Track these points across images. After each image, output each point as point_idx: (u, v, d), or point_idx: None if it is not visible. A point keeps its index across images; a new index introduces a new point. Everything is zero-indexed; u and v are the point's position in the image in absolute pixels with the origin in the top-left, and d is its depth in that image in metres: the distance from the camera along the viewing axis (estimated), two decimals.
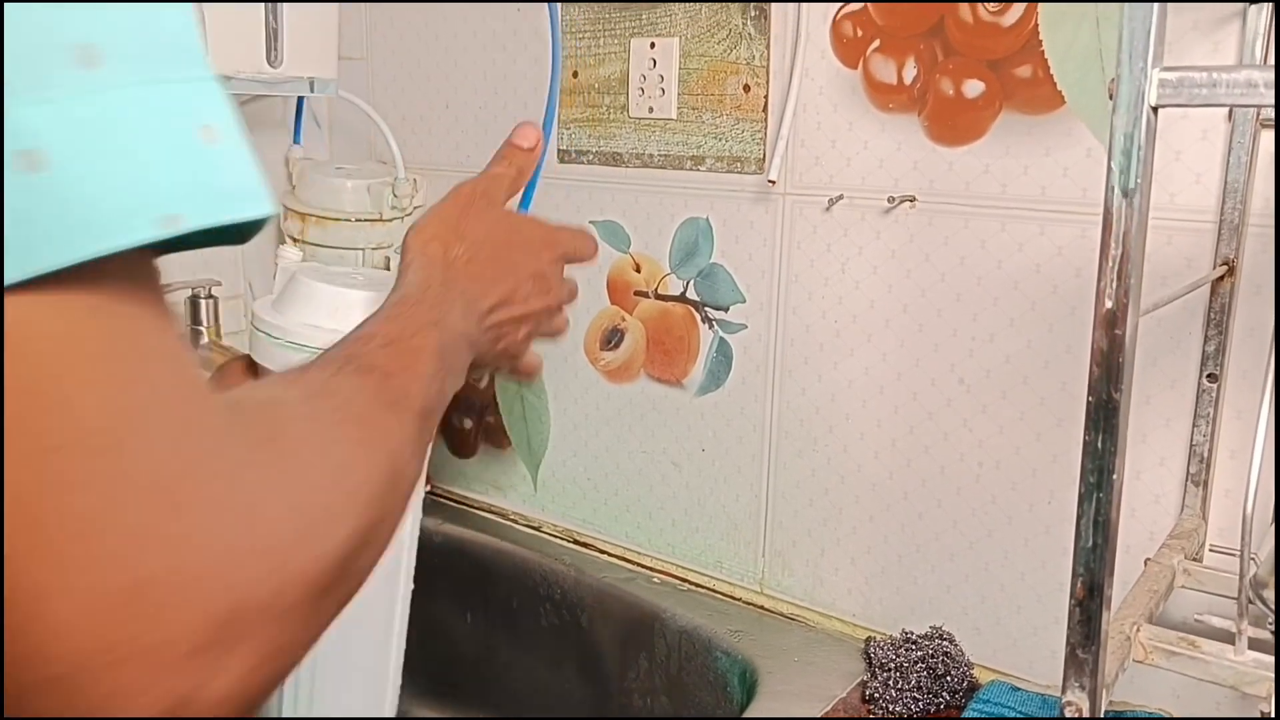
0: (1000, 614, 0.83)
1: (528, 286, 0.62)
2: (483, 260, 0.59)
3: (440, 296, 0.54)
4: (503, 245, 0.61)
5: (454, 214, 0.61)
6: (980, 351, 0.80)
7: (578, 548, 1.10)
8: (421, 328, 0.50)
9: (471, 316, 0.57)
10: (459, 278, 0.57)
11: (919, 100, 0.79)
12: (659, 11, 0.93)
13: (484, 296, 0.58)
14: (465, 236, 0.59)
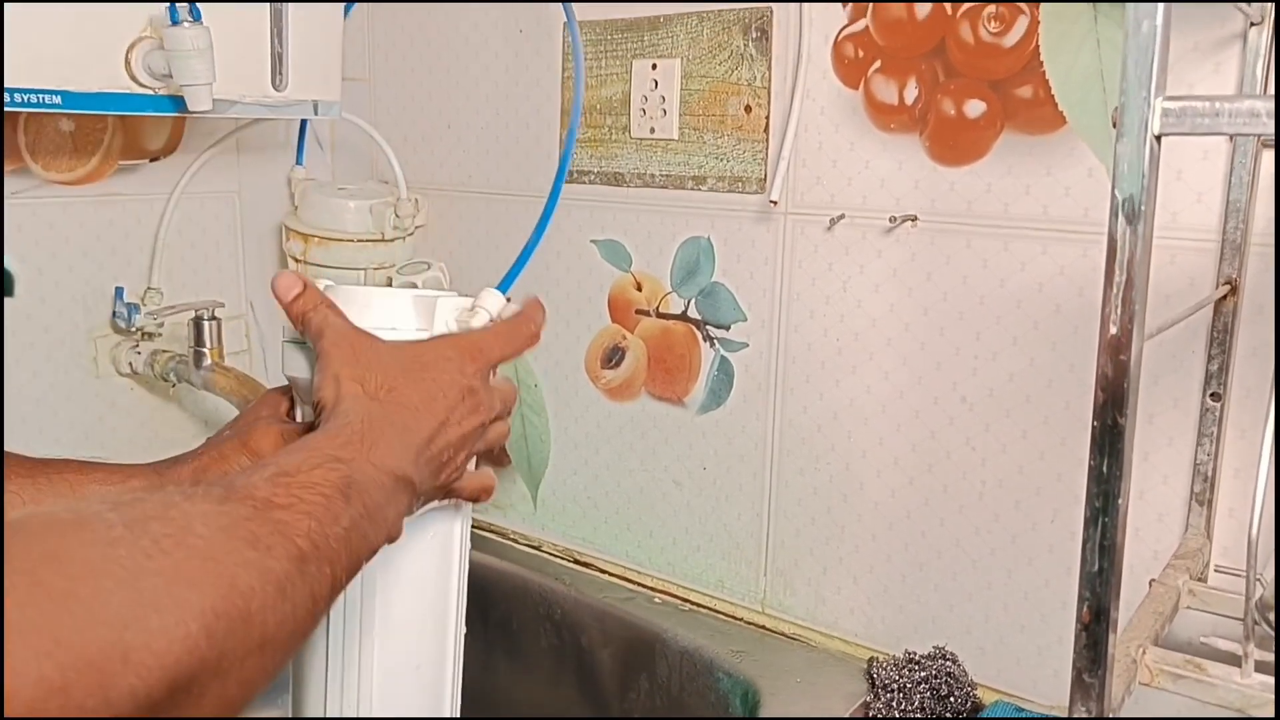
0: (1004, 633, 0.83)
1: (461, 407, 0.54)
2: (405, 387, 0.53)
3: (362, 432, 0.49)
4: (419, 367, 0.54)
5: (346, 354, 0.53)
6: (983, 370, 0.80)
7: (578, 567, 1.10)
8: (324, 461, 0.45)
9: (408, 452, 0.50)
10: (385, 410, 0.51)
11: (920, 120, 0.80)
12: (661, 33, 0.93)
13: (418, 427, 0.52)
14: (374, 366, 0.53)
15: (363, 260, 1.09)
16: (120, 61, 0.79)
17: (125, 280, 1.06)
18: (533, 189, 1.06)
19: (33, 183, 0.98)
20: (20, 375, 1.00)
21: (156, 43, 0.79)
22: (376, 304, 0.58)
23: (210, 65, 0.77)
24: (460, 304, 0.59)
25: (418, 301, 0.59)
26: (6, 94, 0.74)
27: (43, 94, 0.76)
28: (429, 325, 0.58)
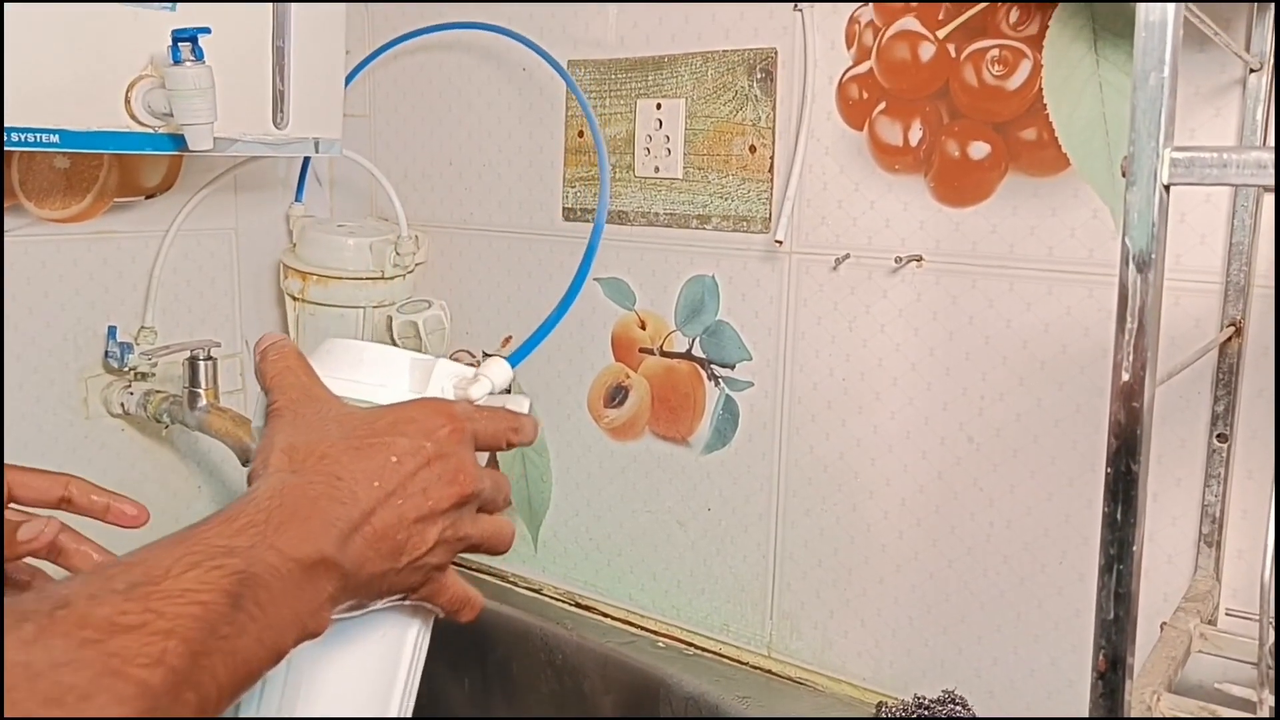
0: (1014, 676, 0.84)
1: (423, 476, 0.48)
2: (341, 455, 0.46)
3: (269, 511, 0.43)
4: (368, 432, 0.48)
5: (286, 425, 0.48)
6: (990, 410, 0.82)
7: (579, 610, 1.10)
8: (206, 559, 0.39)
9: (330, 530, 0.44)
10: (307, 482, 0.45)
11: (925, 161, 0.82)
12: (665, 73, 0.96)
13: (350, 499, 0.45)
14: (310, 431, 0.47)
15: (362, 298, 1.11)
16: (120, 100, 0.81)
17: (119, 319, 1.07)
18: (535, 227, 1.08)
19: (25, 220, 0.99)
20: (8, 416, 1.00)
21: (157, 81, 0.81)
22: (369, 359, 0.55)
23: (212, 104, 0.79)
24: (461, 371, 0.56)
25: (415, 363, 0.55)
26: (7, 134, 0.75)
27: (41, 133, 0.77)
28: (423, 389, 0.54)
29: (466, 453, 0.50)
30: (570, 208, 1.05)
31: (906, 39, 0.81)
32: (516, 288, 1.11)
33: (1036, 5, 0.75)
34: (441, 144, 1.15)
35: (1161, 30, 0.42)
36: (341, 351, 0.56)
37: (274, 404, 0.50)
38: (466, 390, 0.55)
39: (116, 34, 0.79)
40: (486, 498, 0.52)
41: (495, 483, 0.53)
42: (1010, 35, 0.76)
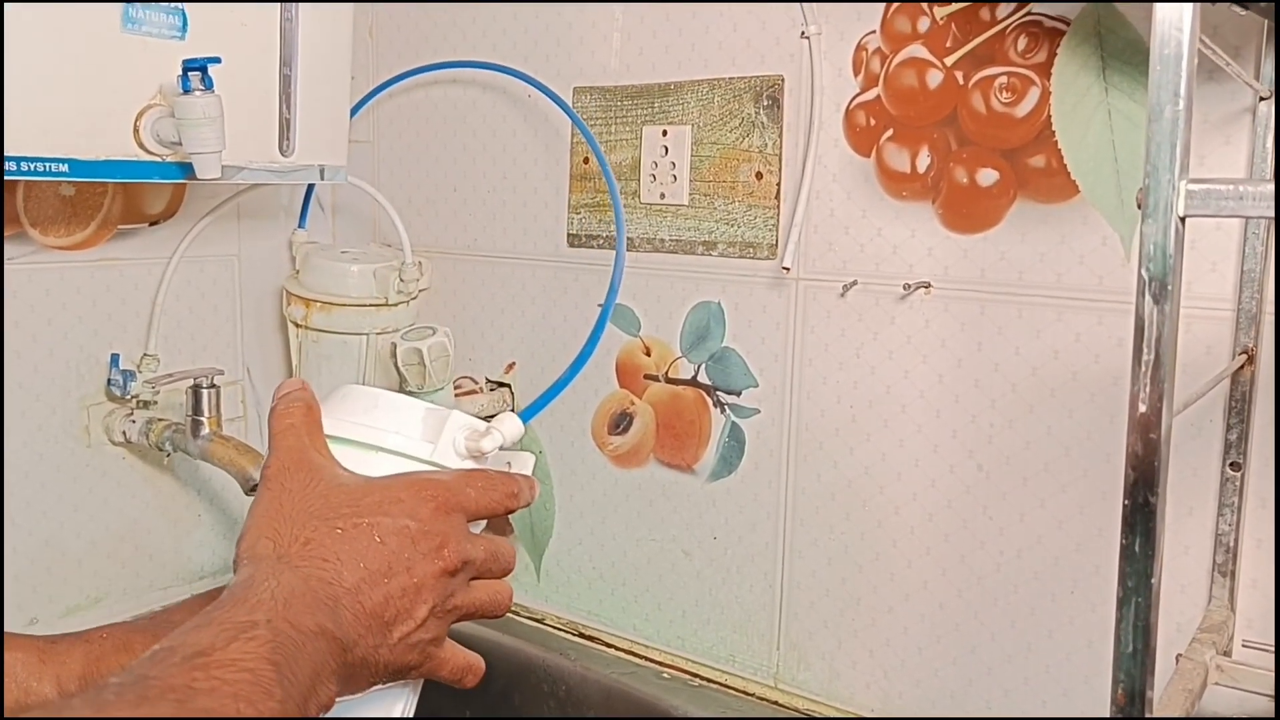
0: (1025, 708, 0.83)
1: (409, 553, 0.49)
2: (324, 539, 0.48)
3: (272, 591, 0.44)
4: (352, 513, 0.49)
5: (273, 501, 0.50)
6: (999, 438, 0.82)
7: (583, 641, 1.10)
8: (240, 632, 0.41)
9: (323, 605, 0.45)
10: (295, 567, 0.47)
11: (933, 188, 0.82)
12: (671, 100, 0.96)
13: (336, 579, 0.47)
14: (295, 519, 0.49)
15: (366, 325, 1.11)
16: (129, 129, 0.81)
17: (121, 347, 1.07)
18: (539, 253, 1.09)
19: (29, 248, 0.99)
20: (9, 444, 1.00)
21: (166, 110, 0.82)
22: (384, 405, 0.56)
23: (220, 133, 0.79)
24: (473, 424, 0.56)
25: (429, 413, 0.56)
26: (12, 163, 0.75)
27: (50, 162, 0.77)
28: (435, 438, 0.55)
29: (453, 527, 0.51)
30: (575, 234, 1.05)
31: (914, 66, 0.82)
32: (521, 314, 1.12)
33: (1045, 33, 0.75)
34: (446, 170, 1.16)
35: (1176, 63, 0.42)
36: (356, 397, 0.57)
37: (266, 467, 0.52)
38: (478, 443, 0.55)
39: (125, 63, 0.79)
40: (481, 567, 0.53)
41: (491, 550, 0.54)
42: (1018, 63, 0.77)
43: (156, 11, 0.79)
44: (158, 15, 0.80)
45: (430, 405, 0.57)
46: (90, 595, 1.09)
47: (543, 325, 1.10)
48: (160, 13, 0.80)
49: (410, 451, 0.55)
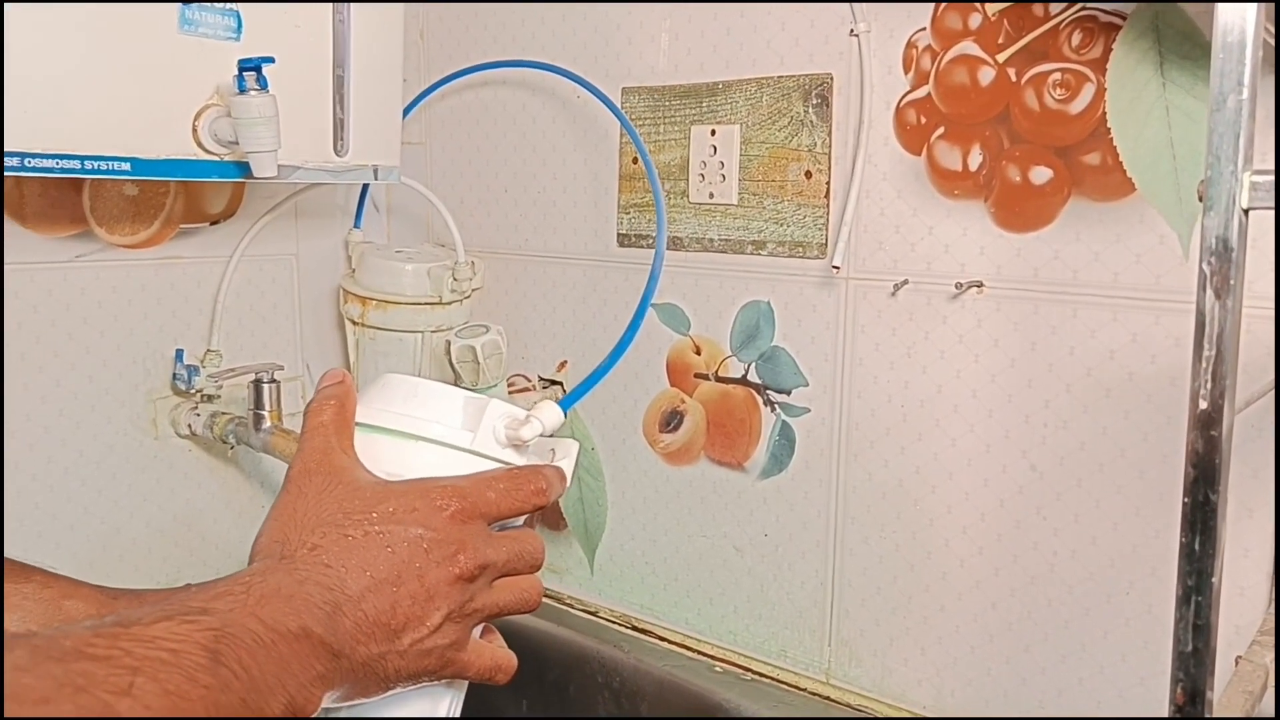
0: (1079, 707, 0.82)
1: (421, 560, 0.48)
2: (332, 545, 0.48)
3: (248, 585, 0.43)
4: (364, 520, 0.49)
5: (289, 504, 0.50)
6: (1053, 438, 0.81)
7: (636, 634, 1.10)
8: (178, 614, 0.39)
9: (316, 610, 0.44)
10: (293, 568, 0.46)
11: (985, 186, 0.81)
12: (719, 99, 0.96)
13: (338, 585, 0.46)
14: (306, 525, 0.49)
15: (420, 323, 1.12)
16: (188, 129, 0.83)
17: (185, 342, 1.10)
18: (589, 253, 1.09)
19: (96, 246, 1.02)
20: (81, 437, 1.03)
21: (223, 110, 0.83)
22: (424, 394, 0.55)
23: (275, 133, 0.81)
24: (512, 412, 0.56)
25: (468, 401, 0.55)
26: (76, 160, 0.77)
27: (113, 161, 0.79)
28: (475, 427, 0.54)
29: (470, 534, 0.50)
30: (625, 234, 1.06)
31: (965, 63, 0.81)
32: (571, 313, 1.12)
33: (1100, 28, 0.74)
34: (497, 171, 1.17)
35: (1240, 51, 0.42)
36: (396, 386, 0.56)
37: (290, 467, 0.52)
38: (517, 431, 0.55)
39: (183, 64, 0.81)
40: (504, 568, 0.52)
41: (515, 550, 0.53)
42: (1073, 59, 0.76)
43: (212, 13, 0.81)
44: (213, 17, 0.81)
45: (470, 394, 0.56)
46: (159, 581, 1.12)
47: (593, 324, 1.10)
48: (216, 14, 0.81)
49: (450, 440, 0.54)
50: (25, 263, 0.97)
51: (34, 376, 0.99)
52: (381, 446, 0.54)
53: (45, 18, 0.73)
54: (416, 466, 0.53)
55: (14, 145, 0.73)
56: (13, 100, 0.73)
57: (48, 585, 0.56)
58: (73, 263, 1.00)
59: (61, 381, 1.01)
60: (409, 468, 0.53)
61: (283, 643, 0.42)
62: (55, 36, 0.74)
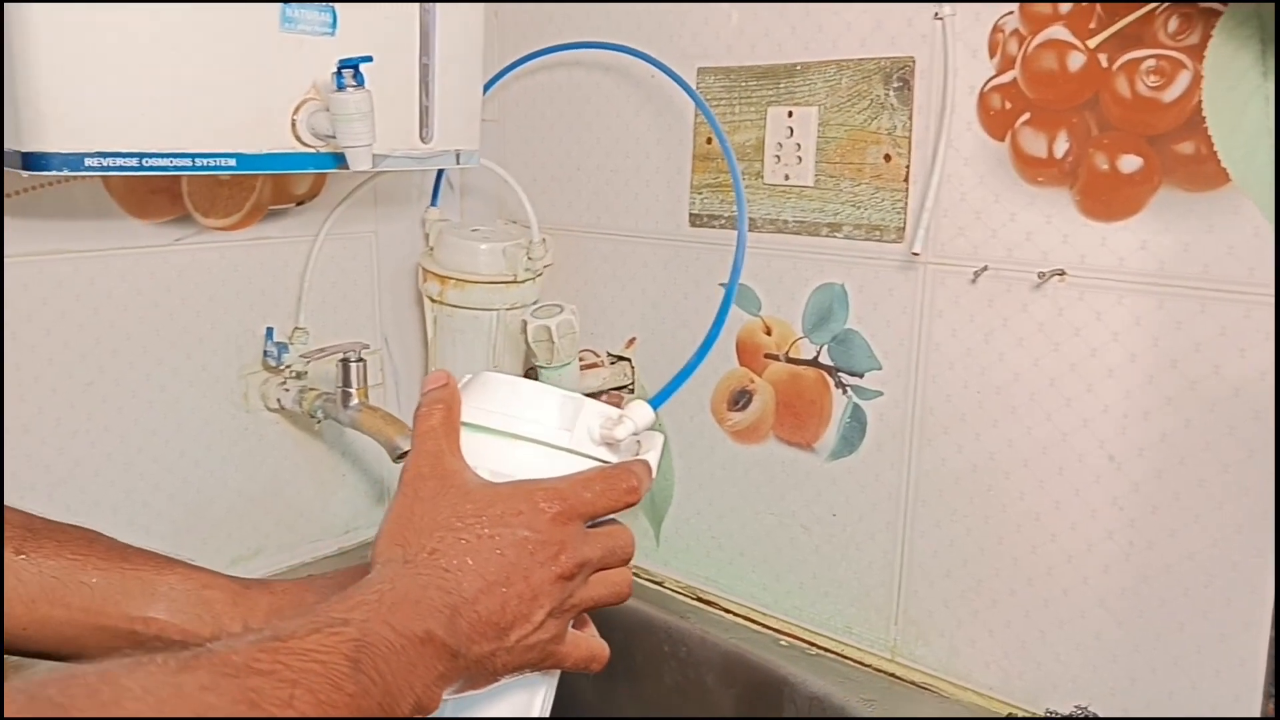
0: (1151, 697, 0.80)
1: (526, 562, 0.50)
2: (449, 549, 0.49)
3: (380, 594, 0.46)
4: (476, 523, 0.50)
5: (406, 507, 0.52)
6: (1133, 429, 0.77)
7: (701, 605, 1.10)
8: (324, 626, 0.42)
9: (438, 614, 0.46)
10: (417, 573, 0.48)
11: (1071, 174, 0.77)
12: (797, 80, 0.93)
13: (455, 588, 0.48)
14: (424, 529, 0.50)
15: (496, 301, 1.11)
16: (287, 123, 0.82)
17: (274, 320, 1.10)
18: (661, 232, 1.07)
19: (193, 229, 1.02)
20: (180, 412, 1.05)
21: (320, 104, 0.82)
22: (523, 394, 0.57)
23: (371, 127, 0.80)
24: (607, 412, 0.57)
25: (564, 402, 0.57)
26: (186, 159, 0.77)
27: (219, 157, 0.79)
28: (571, 426, 0.56)
29: (570, 535, 0.52)
30: (697, 214, 1.03)
31: (1054, 48, 0.76)
32: (641, 291, 1.10)
33: (1199, 14, 0.70)
34: (569, 149, 1.14)
35: None
36: (497, 386, 0.58)
37: (405, 470, 0.53)
38: (612, 431, 0.56)
39: (284, 60, 0.80)
40: (599, 564, 0.54)
41: (608, 547, 0.54)
42: (1169, 45, 0.71)
43: (310, 10, 0.80)
44: (311, 14, 0.80)
45: (566, 393, 0.58)
46: (250, 547, 1.14)
47: (663, 303, 1.08)
48: (313, 11, 0.80)
49: (548, 439, 0.56)
50: (129, 248, 0.98)
51: (138, 356, 1.00)
52: (486, 445, 0.56)
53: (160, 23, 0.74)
54: (518, 463, 0.55)
55: (131, 146, 0.74)
56: (129, 103, 0.74)
57: (189, 577, 0.58)
58: (172, 246, 1.01)
59: (163, 359, 1.02)
60: (511, 465, 0.55)
61: (411, 647, 0.44)
62: (170, 41, 0.75)
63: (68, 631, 0.54)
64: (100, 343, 0.98)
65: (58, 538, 0.56)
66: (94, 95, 0.72)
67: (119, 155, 0.74)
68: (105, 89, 0.73)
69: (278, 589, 0.60)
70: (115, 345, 0.99)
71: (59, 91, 0.71)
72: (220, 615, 0.57)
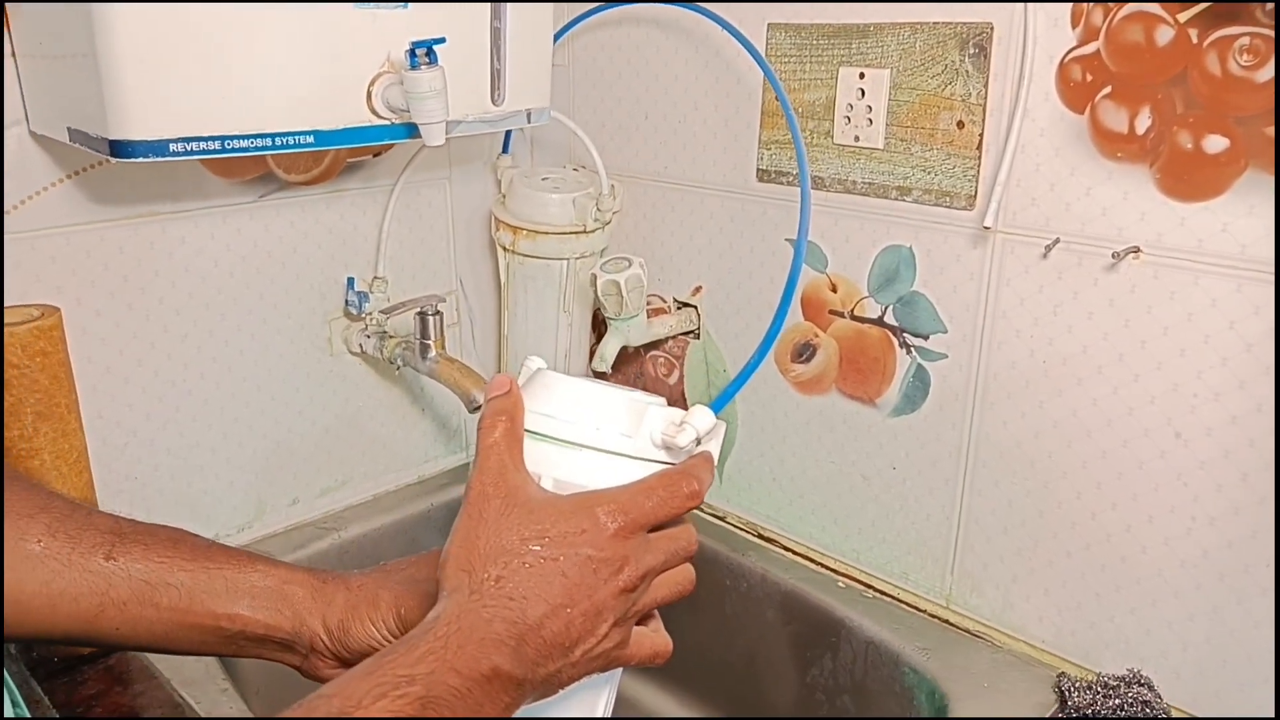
0: (1204, 665, 0.80)
1: (590, 581, 0.49)
2: (517, 574, 0.48)
3: (446, 636, 0.45)
4: (539, 544, 0.49)
5: (471, 528, 0.50)
6: (1203, 409, 0.75)
7: (762, 542, 1.11)
8: (391, 688, 0.42)
9: (504, 646, 0.46)
10: (483, 603, 0.47)
11: (1151, 151, 0.73)
12: (870, 41, 0.89)
13: (521, 617, 0.47)
14: (489, 553, 0.49)
15: (566, 251, 1.11)
16: (363, 97, 0.81)
17: (354, 268, 1.12)
18: (728, 185, 1.05)
19: (275, 185, 1.03)
20: (270, 358, 1.07)
21: (394, 77, 0.81)
22: (586, 400, 0.56)
23: (444, 104, 0.79)
24: (670, 416, 0.56)
25: (630, 405, 0.56)
26: (267, 139, 0.77)
27: (299, 135, 0.79)
28: (633, 433, 0.55)
29: (633, 548, 0.51)
30: (765, 169, 1.01)
31: (1141, 21, 0.72)
32: (708, 241, 1.09)
33: None
34: (638, 97, 1.12)
35: None
36: (558, 389, 0.56)
37: (469, 488, 0.52)
38: (675, 438, 0.55)
39: (358, 37, 0.79)
40: (662, 568, 0.53)
41: (670, 550, 0.53)
42: (1265, 23, 0.66)
43: None
44: None
45: (629, 395, 0.57)
46: (337, 479, 1.18)
47: (729, 254, 1.07)
48: None
49: (611, 447, 0.55)
50: (217, 206, 0.99)
51: (229, 307, 1.03)
52: (549, 453, 0.55)
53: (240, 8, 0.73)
54: (581, 471, 0.55)
55: (213, 130, 0.74)
56: (211, 88, 0.73)
57: (270, 573, 0.59)
58: (257, 202, 1.02)
59: (252, 309, 1.05)
60: (575, 473, 0.55)
61: (478, 689, 0.44)
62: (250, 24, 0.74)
63: (158, 629, 0.56)
64: (193, 297, 1.00)
65: (145, 541, 0.57)
66: (177, 83, 0.72)
67: (202, 139, 0.74)
68: (188, 76, 0.72)
69: (353, 584, 0.59)
70: (207, 299, 1.01)
71: (144, 81, 0.71)
72: (300, 610, 0.58)
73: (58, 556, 0.54)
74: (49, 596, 0.54)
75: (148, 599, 0.55)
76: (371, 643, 0.57)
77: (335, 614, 0.58)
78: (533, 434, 0.55)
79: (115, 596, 0.55)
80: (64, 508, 0.57)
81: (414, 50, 0.75)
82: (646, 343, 1.12)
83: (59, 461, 0.84)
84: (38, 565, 0.54)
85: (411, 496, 1.22)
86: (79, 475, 0.86)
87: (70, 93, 0.76)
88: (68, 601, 0.54)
